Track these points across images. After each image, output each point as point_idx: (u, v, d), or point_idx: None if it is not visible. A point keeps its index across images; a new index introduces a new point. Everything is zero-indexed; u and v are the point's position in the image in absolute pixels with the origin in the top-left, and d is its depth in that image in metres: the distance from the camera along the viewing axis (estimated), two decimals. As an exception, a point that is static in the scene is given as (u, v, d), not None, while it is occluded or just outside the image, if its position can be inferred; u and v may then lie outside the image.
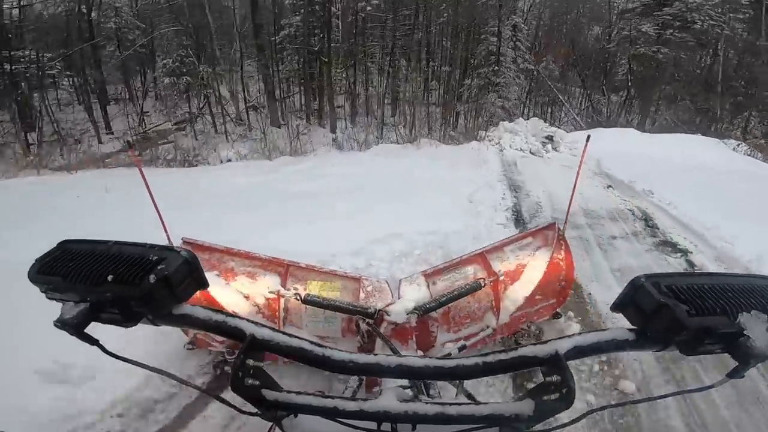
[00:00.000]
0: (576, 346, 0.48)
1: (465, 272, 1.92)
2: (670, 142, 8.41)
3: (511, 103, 13.01)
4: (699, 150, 8.24)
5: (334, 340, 1.80)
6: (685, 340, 0.44)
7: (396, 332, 1.44)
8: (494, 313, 1.84)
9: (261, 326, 0.51)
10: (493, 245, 1.96)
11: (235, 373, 0.48)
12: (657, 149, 7.99)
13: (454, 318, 1.89)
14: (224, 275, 1.71)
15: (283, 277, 1.78)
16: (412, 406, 0.48)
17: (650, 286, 0.46)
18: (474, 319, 1.89)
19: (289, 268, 1.80)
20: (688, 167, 6.95)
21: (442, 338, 1.83)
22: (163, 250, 0.49)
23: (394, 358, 0.50)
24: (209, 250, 1.72)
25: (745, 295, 0.45)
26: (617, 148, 7.51)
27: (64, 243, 0.51)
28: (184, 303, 0.50)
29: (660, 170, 6.31)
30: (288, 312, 1.79)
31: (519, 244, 1.98)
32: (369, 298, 1.86)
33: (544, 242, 1.96)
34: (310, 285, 1.83)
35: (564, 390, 0.45)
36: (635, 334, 0.48)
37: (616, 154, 6.96)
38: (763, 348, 0.41)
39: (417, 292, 1.82)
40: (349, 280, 1.94)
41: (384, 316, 1.47)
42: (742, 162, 7.85)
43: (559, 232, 1.92)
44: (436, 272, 1.95)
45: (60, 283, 0.46)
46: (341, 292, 1.88)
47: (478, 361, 0.49)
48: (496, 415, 0.48)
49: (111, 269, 0.46)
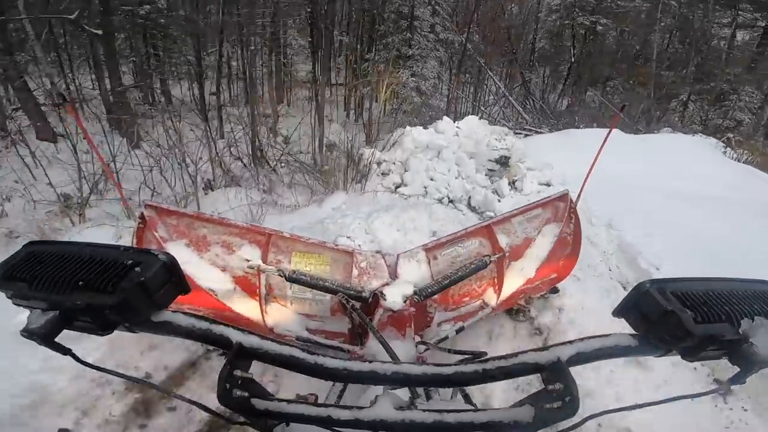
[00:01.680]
0: (579, 352, 0.48)
1: (468, 246, 1.72)
2: (662, 149, 5.54)
3: (429, 83, 9.44)
4: (699, 161, 5.56)
5: (322, 320, 1.62)
6: (689, 346, 0.45)
7: (392, 319, 1.26)
8: (495, 291, 1.72)
9: (249, 334, 0.50)
10: (502, 216, 1.75)
11: (223, 385, 0.46)
12: (654, 166, 5.04)
13: (453, 296, 1.75)
14: (195, 245, 1.45)
15: (264, 247, 1.53)
16: (409, 414, 0.46)
17: (656, 293, 0.46)
18: (473, 297, 1.76)
19: (270, 237, 1.54)
20: (698, 197, 4.14)
21: (439, 317, 1.67)
22: (139, 253, 0.47)
23: (390, 366, 0.49)
24: (176, 214, 1.45)
25: (750, 302, 0.46)
26: (623, 174, 4.30)
27: (31, 245, 0.49)
28: (164, 309, 0.48)
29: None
30: (270, 288, 1.58)
31: (528, 216, 1.78)
32: (363, 276, 1.62)
33: (554, 214, 1.80)
34: (294, 257, 1.57)
35: (567, 398, 0.45)
36: (638, 339, 0.48)
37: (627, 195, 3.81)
38: (766, 354, 0.41)
39: (417, 270, 1.63)
40: (340, 254, 1.66)
41: (380, 300, 1.31)
42: (754, 179, 5.36)
43: (571, 204, 1.78)
44: (438, 245, 1.72)
45: (26, 289, 0.43)
46: (331, 267, 1.63)
47: (477, 368, 0.49)
48: (494, 422, 0.47)
49: (82, 274, 0.43)
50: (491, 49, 12.75)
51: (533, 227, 1.77)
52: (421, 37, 10.01)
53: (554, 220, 1.77)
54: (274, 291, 1.58)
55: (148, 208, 1.39)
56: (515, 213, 1.75)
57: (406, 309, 1.29)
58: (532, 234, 1.76)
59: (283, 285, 1.56)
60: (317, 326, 1.58)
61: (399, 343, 1.07)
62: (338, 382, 0.71)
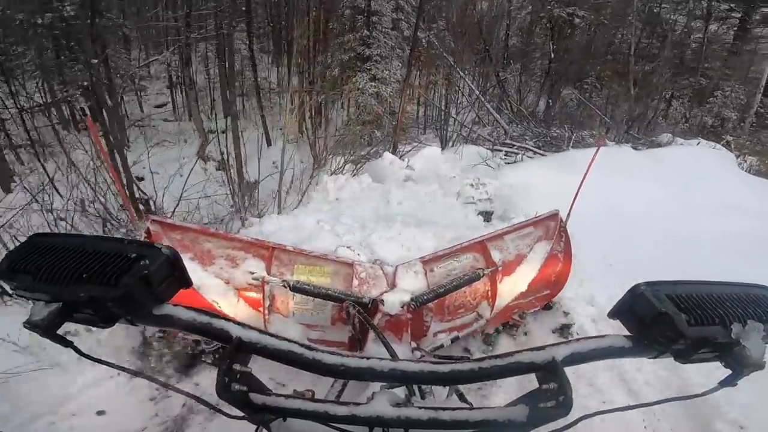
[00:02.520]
0: (573, 352, 0.49)
1: (463, 260, 1.79)
2: (678, 169, 4.37)
3: (391, 89, 8.03)
4: (721, 180, 4.44)
5: (323, 329, 1.65)
6: (682, 348, 0.45)
7: (390, 324, 1.33)
8: (489, 303, 1.77)
9: (248, 328, 0.50)
10: (495, 233, 1.81)
11: (222, 378, 0.47)
12: (673, 196, 3.84)
13: (449, 308, 1.79)
14: (200, 259, 1.51)
15: (268, 261, 1.57)
16: (405, 411, 0.47)
17: (650, 295, 0.46)
18: (468, 309, 1.81)
19: (273, 251, 1.60)
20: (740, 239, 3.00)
21: (435, 327, 1.73)
22: (142, 247, 0.46)
23: (387, 362, 0.50)
24: (181, 229, 1.52)
25: (743, 305, 0.47)
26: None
27: (35, 237, 0.48)
28: (166, 303, 0.48)
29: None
30: (273, 300, 1.63)
31: (519, 234, 1.83)
32: (363, 286, 1.66)
33: (545, 233, 1.86)
34: (297, 270, 1.63)
35: (561, 398, 0.45)
36: (632, 341, 0.49)
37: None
38: (758, 358, 0.42)
39: (414, 280, 1.66)
40: (340, 265, 1.70)
41: (379, 306, 1.36)
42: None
43: (561, 223, 1.83)
44: (434, 259, 1.77)
45: (30, 282, 0.43)
46: (332, 278, 1.67)
47: (473, 366, 0.49)
48: (489, 420, 0.48)
49: (86, 267, 0.43)
50: (461, 47, 11.49)
51: (525, 244, 1.82)
52: (381, 35, 8.62)
53: (545, 238, 1.82)
54: (277, 303, 1.62)
55: (153, 223, 1.43)
56: (508, 230, 1.80)
57: (403, 314, 1.34)
58: (524, 251, 1.81)
59: (285, 297, 1.60)
60: (318, 336, 1.60)
61: (396, 346, 1.07)
62: (336, 378, 0.76)
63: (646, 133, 7.17)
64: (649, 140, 6.40)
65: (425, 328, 1.68)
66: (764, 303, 0.47)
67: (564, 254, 1.81)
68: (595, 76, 13.19)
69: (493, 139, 6.32)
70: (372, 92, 7.50)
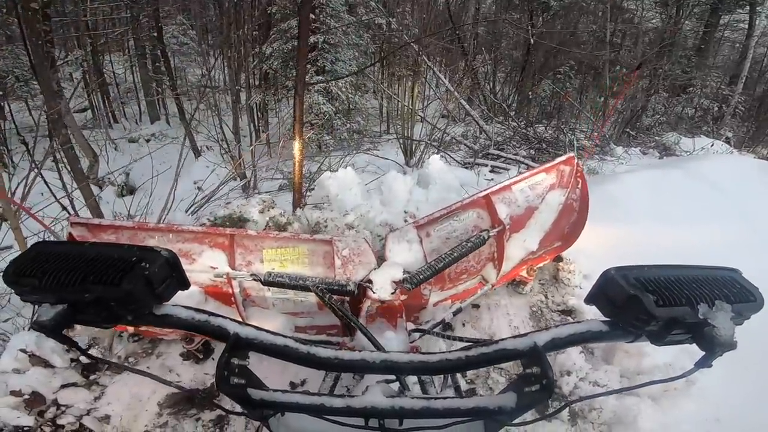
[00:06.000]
0: (554, 338, 0.51)
1: (465, 219, 1.63)
2: (728, 192, 3.23)
3: (344, 83, 6.55)
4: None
5: (310, 315, 1.54)
6: (655, 330, 0.47)
7: (383, 309, 1.17)
8: (495, 266, 1.62)
9: (245, 325, 0.52)
10: (501, 185, 1.64)
11: (221, 372, 0.49)
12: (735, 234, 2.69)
13: (450, 275, 1.65)
14: None
15: (229, 250, 1.39)
16: (399, 401, 0.49)
17: (620, 278, 0.49)
18: (471, 274, 1.67)
19: (233, 238, 1.41)
20: None
21: (434, 298, 1.61)
22: (142, 251, 0.48)
23: (378, 354, 0.52)
24: (112, 228, 1.30)
25: (710, 286, 0.49)
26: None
27: (38, 245, 0.50)
28: (165, 303, 0.50)
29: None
30: (246, 293, 1.49)
31: (530, 182, 1.68)
32: (347, 265, 1.46)
33: (559, 179, 1.70)
34: (266, 255, 1.44)
35: (544, 381, 0.48)
36: (608, 325, 0.51)
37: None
38: (728, 337, 0.44)
39: (407, 251, 1.53)
40: (317, 243, 1.50)
41: (367, 291, 1.21)
42: None
43: (578, 167, 1.67)
44: (430, 221, 1.62)
45: (36, 285, 0.45)
46: (309, 260, 1.48)
47: (461, 355, 0.51)
48: (480, 408, 0.49)
49: (89, 270, 0.45)
50: (429, 32, 10.15)
51: (536, 195, 1.67)
52: (330, 20, 7.13)
53: (559, 186, 1.68)
54: (252, 295, 1.48)
55: (75, 226, 1.24)
56: (517, 180, 1.65)
57: (396, 299, 1.21)
58: (535, 202, 1.67)
59: (259, 287, 1.47)
60: (306, 323, 1.51)
61: (391, 333, 1.04)
62: (330, 372, 0.76)
63: (645, 132, 6.15)
64: (653, 140, 5.33)
65: (424, 300, 1.57)
66: (732, 284, 0.50)
67: (580, 202, 1.66)
68: (569, 66, 12.35)
69: (473, 144, 5.05)
70: (318, 88, 6.03)
